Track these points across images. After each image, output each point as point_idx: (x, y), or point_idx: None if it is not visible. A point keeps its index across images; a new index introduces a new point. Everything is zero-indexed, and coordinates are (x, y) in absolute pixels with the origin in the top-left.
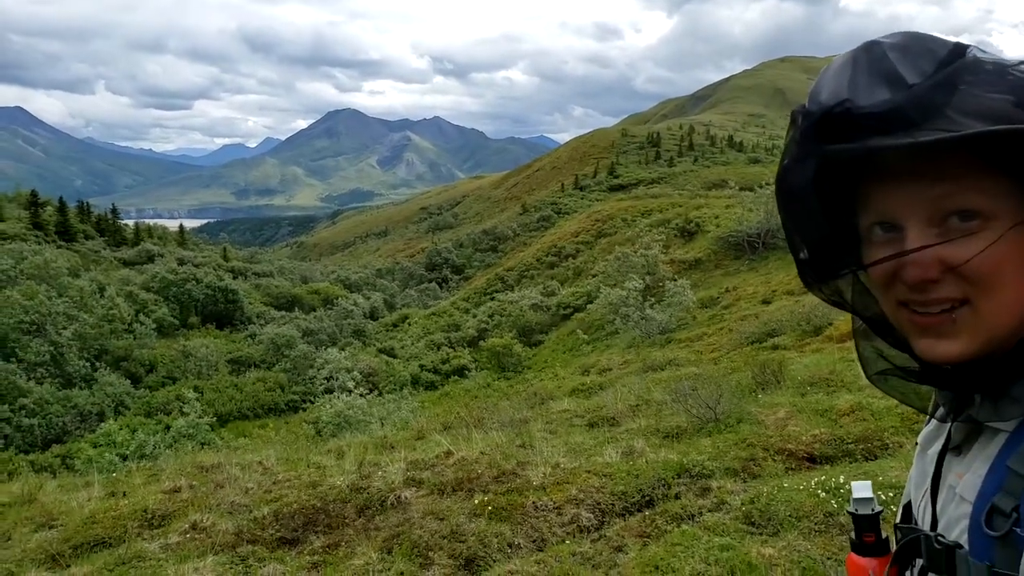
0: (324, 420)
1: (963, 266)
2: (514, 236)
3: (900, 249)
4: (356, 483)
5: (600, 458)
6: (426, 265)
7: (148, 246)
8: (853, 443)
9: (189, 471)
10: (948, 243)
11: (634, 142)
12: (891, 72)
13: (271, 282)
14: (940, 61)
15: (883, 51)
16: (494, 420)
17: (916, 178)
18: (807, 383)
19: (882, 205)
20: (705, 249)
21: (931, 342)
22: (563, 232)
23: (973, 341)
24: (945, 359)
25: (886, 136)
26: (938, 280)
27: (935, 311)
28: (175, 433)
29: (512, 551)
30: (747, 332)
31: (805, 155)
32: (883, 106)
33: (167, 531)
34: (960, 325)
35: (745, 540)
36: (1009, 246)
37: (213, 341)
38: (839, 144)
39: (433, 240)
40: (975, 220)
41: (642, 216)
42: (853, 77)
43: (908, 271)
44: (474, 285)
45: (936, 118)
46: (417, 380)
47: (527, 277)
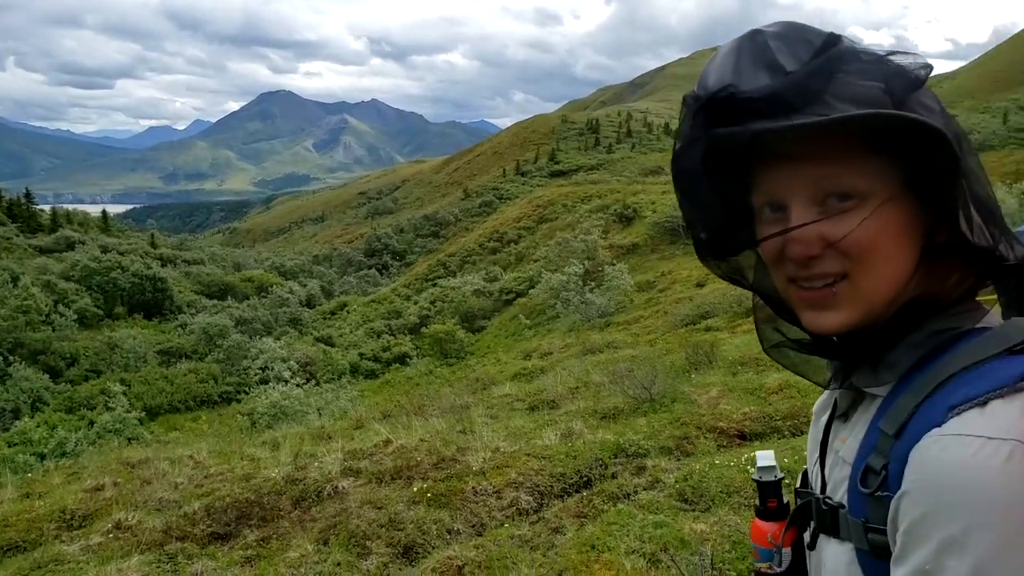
0: (259, 411)
1: (841, 242)
2: (456, 221)
3: (786, 228)
4: (292, 475)
5: (540, 441)
6: (365, 251)
7: (68, 233)
8: (781, 420)
9: (114, 468)
10: (827, 220)
11: (574, 128)
12: (771, 60)
13: (202, 270)
14: (815, 50)
15: (765, 40)
16: (435, 407)
17: (798, 160)
18: (738, 363)
19: (769, 186)
20: (642, 234)
21: (815, 314)
22: (505, 218)
23: (853, 312)
24: (828, 330)
25: (766, 120)
26: (819, 256)
27: (818, 285)
28: (100, 429)
29: (451, 537)
30: (681, 314)
31: (695, 138)
32: (763, 91)
33: (88, 532)
34: (841, 298)
35: (678, 517)
36: (882, 222)
37: (141, 332)
38: (724, 128)
39: (372, 226)
40: (851, 199)
41: (582, 202)
42: (737, 64)
43: (791, 248)
44: (415, 271)
45: (814, 103)
46: (357, 369)
47: (469, 263)
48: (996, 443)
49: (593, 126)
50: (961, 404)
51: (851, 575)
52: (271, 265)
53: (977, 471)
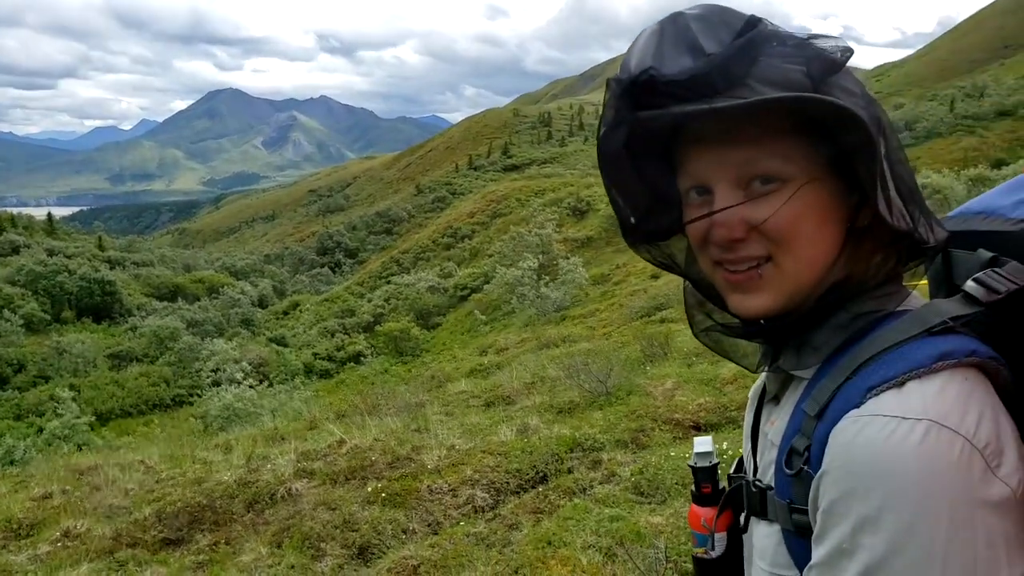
0: (212, 414)
1: (763, 225)
2: (409, 218)
3: (710, 211)
4: (244, 477)
5: (495, 437)
6: (317, 249)
7: (11, 236)
8: (736, 410)
9: (62, 475)
10: (749, 203)
11: (526, 122)
12: (693, 42)
13: (152, 272)
14: (736, 32)
15: (687, 22)
16: (390, 406)
17: (721, 143)
18: (693, 354)
19: (695, 169)
20: (596, 227)
21: (741, 297)
22: (459, 213)
23: (778, 295)
24: (754, 313)
25: (687, 103)
26: (744, 239)
27: (743, 268)
28: (48, 435)
29: (407, 536)
30: (636, 307)
31: (618, 122)
32: (684, 74)
33: (36, 541)
34: (766, 280)
35: (634, 510)
36: (804, 205)
37: (90, 336)
38: (646, 111)
39: (324, 223)
40: (774, 182)
41: (536, 196)
42: (659, 46)
43: (715, 231)
44: (369, 269)
45: (737, 86)
46: (311, 369)
47: (423, 259)
48: (911, 423)
49: (545, 119)
50: (879, 385)
51: (778, 556)
52: (222, 265)
53: (892, 451)
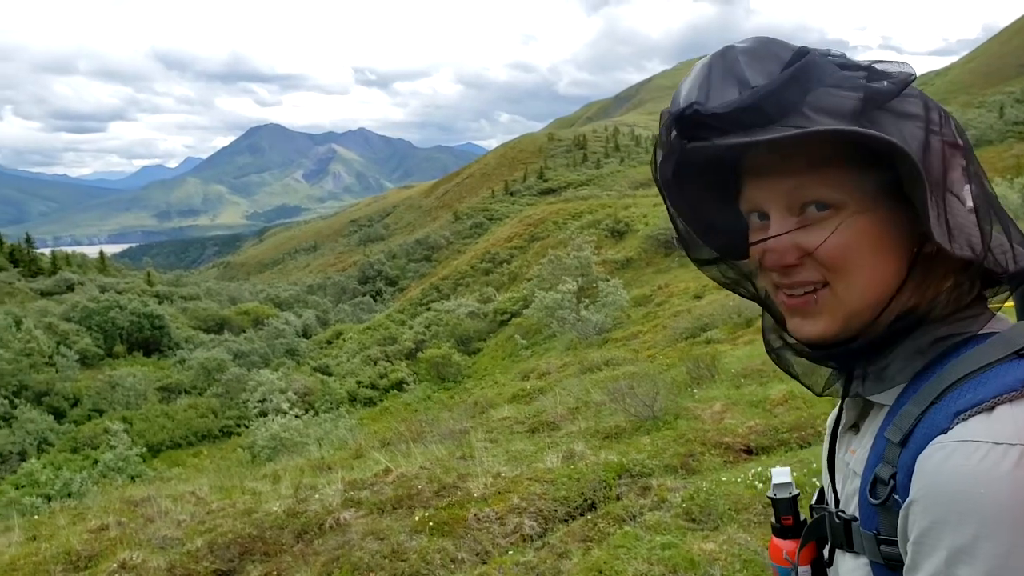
0: (259, 444)
1: (816, 251)
2: (447, 244)
3: (763, 237)
4: (293, 508)
5: (541, 464)
6: (359, 278)
7: (67, 275)
8: (787, 432)
9: (117, 507)
10: (802, 230)
11: (561, 146)
12: (740, 75)
13: (198, 305)
14: (785, 63)
15: (735, 56)
16: (434, 433)
17: (772, 171)
18: (741, 375)
19: (751, 195)
20: (636, 248)
21: (799, 322)
22: (496, 238)
23: (834, 321)
24: (811, 338)
25: (730, 135)
26: (798, 265)
27: (799, 293)
28: (103, 467)
29: (455, 566)
30: (680, 328)
31: (669, 152)
32: (727, 107)
33: (94, 573)
34: (822, 305)
35: (686, 537)
36: (856, 232)
37: (140, 369)
38: (695, 142)
39: (364, 252)
40: (827, 209)
41: (573, 218)
42: (706, 80)
43: (767, 256)
44: (409, 296)
45: (791, 115)
46: (355, 397)
47: (462, 285)
48: (1003, 448)
49: (580, 142)
50: (967, 410)
51: None
52: (266, 297)
53: (984, 477)
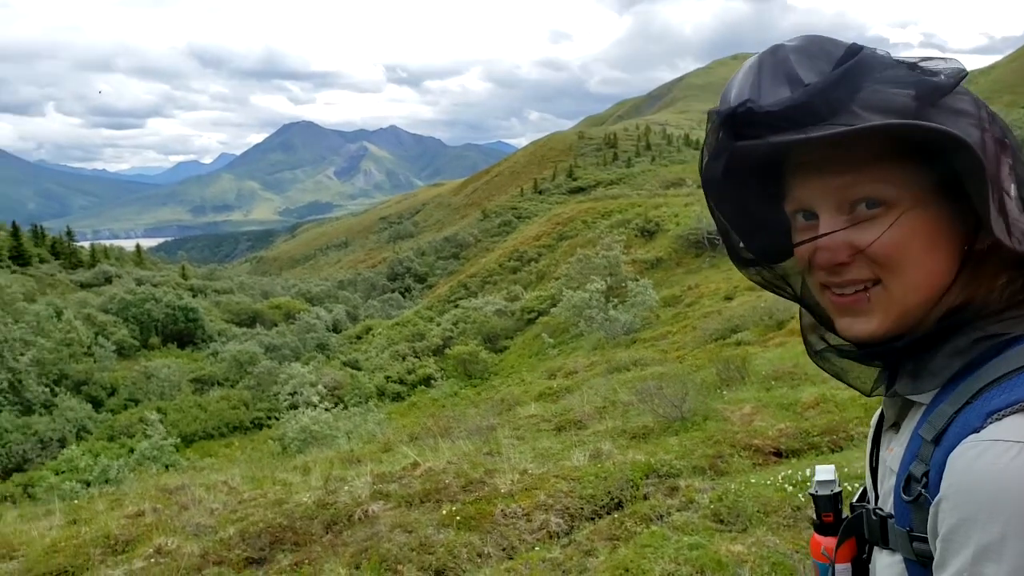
0: (289, 436)
1: (868, 249)
2: (476, 242)
3: (814, 236)
4: (322, 499)
5: (568, 462)
6: (388, 275)
7: (105, 267)
8: (818, 436)
9: (153, 494)
10: (854, 228)
11: (591, 144)
12: (791, 73)
13: (231, 299)
14: (836, 61)
15: (786, 54)
16: (461, 429)
17: (823, 169)
18: (771, 377)
19: (800, 194)
20: (666, 248)
21: (849, 321)
22: (524, 236)
23: (886, 318)
24: (862, 337)
25: (783, 133)
26: (849, 263)
27: (850, 291)
28: (139, 456)
29: (482, 561)
30: (710, 329)
31: (718, 152)
32: (780, 105)
33: (131, 557)
34: (874, 304)
35: (714, 538)
36: (909, 229)
37: (175, 361)
38: (745, 141)
39: (394, 249)
40: (879, 207)
41: (602, 217)
42: (757, 78)
43: (819, 255)
44: (437, 293)
45: (841, 113)
46: (383, 392)
47: (490, 283)
48: None
49: (611, 141)
50: (1001, 410)
51: None
52: (298, 292)
53: (1014, 477)
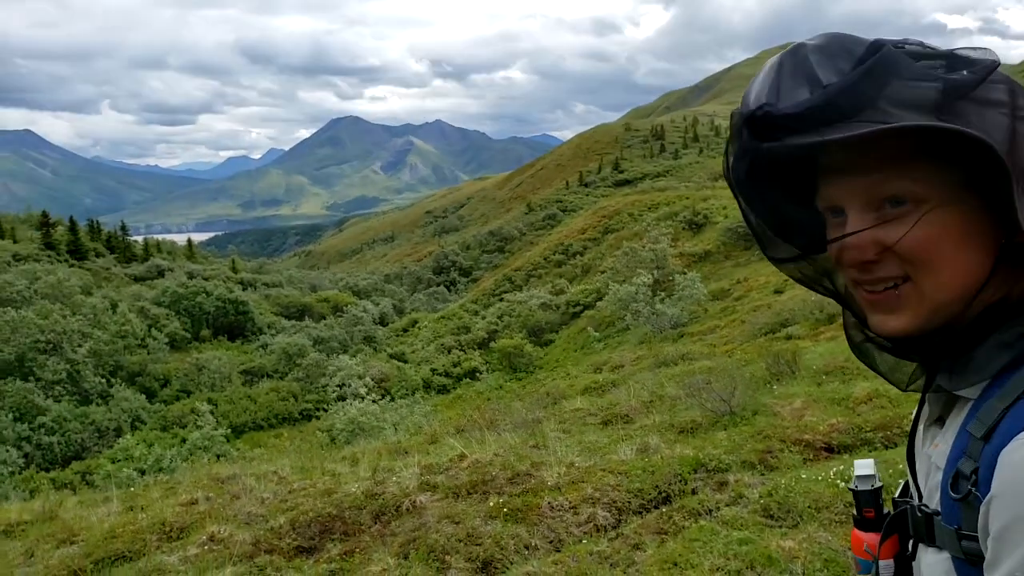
0: (338, 427)
1: (896, 246)
2: (520, 236)
3: (842, 234)
4: (371, 489)
5: (615, 456)
6: (433, 268)
7: (158, 261)
8: (871, 431)
9: (205, 483)
10: (881, 225)
11: (638, 136)
12: (810, 74)
13: (280, 292)
14: (858, 59)
15: (806, 54)
16: (507, 421)
17: (848, 168)
18: (822, 372)
19: (827, 193)
20: (714, 241)
21: (881, 317)
22: (569, 230)
23: (918, 315)
24: (894, 333)
25: (802, 135)
26: (878, 260)
27: (880, 288)
28: (191, 446)
29: (529, 552)
30: (760, 323)
31: (741, 153)
32: (799, 107)
33: (185, 543)
34: (904, 300)
35: (764, 533)
36: (938, 225)
37: (225, 353)
38: (766, 143)
39: (439, 243)
40: (906, 204)
41: (649, 210)
42: (776, 80)
43: (847, 253)
44: (482, 287)
45: (867, 110)
46: (429, 384)
47: (535, 276)
48: None
49: (658, 132)
50: None
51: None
52: (345, 285)
53: None
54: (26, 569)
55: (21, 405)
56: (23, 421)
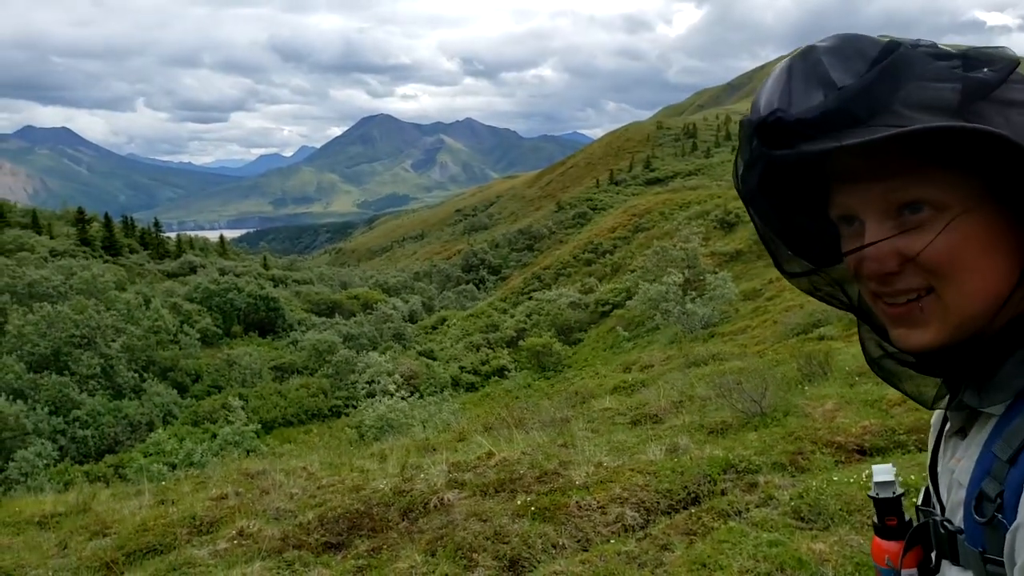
0: (367, 424)
1: (919, 256)
2: (550, 234)
3: (860, 245)
4: (399, 486)
5: (644, 456)
6: (463, 267)
7: (190, 257)
8: (905, 434)
9: (235, 478)
10: (902, 235)
11: (669, 134)
12: (823, 77)
13: (311, 289)
14: (872, 60)
15: (818, 56)
16: (535, 420)
17: (864, 175)
18: (855, 373)
19: (842, 201)
20: (746, 240)
21: (904, 331)
22: (599, 228)
23: (943, 329)
24: (918, 347)
25: (816, 140)
26: (899, 272)
27: (902, 301)
28: (221, 441)
29: (557, 551)
30: (792, 323)
31: (752, 161)
32: (812, 112)
33: (215, 537)
34: (928, 313)
35: (794, 535)
36: (963, 233)
37: (256, 349)
38: (778, 150)
39: (469, 241)
40: (926, 211)
41: (680, 209)
42: (787, 85)
43: (865, 265)
44: (511, 285)
45: (881, 114)
46: (457, 382)
47: (564, 275)
48: None
49: (690, 131)
50: None
51: None
52: (375, 283)
53: None
54: (60, 560)
55: (57, 399)
56: (58, 415)
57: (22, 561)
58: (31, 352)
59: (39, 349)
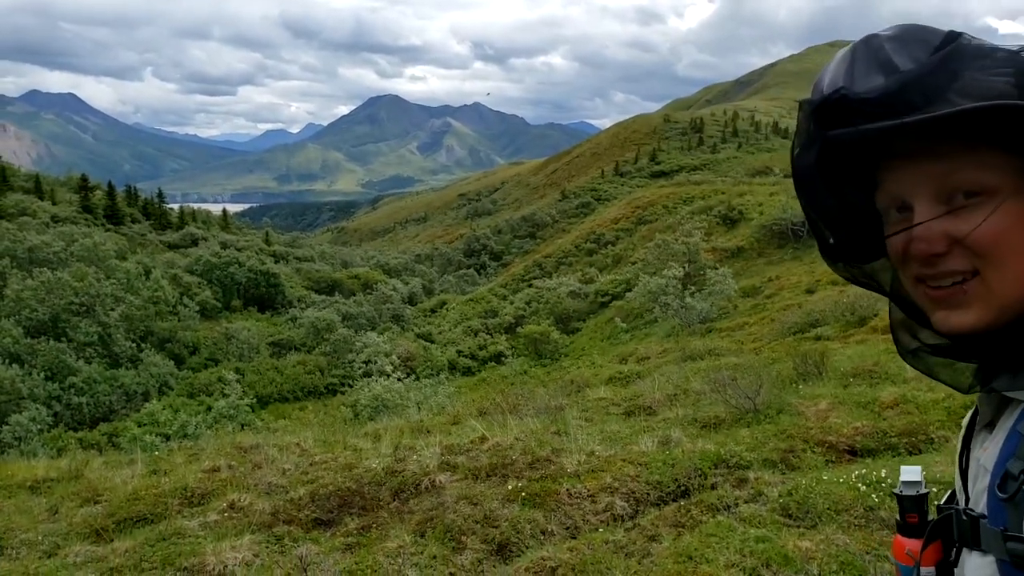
0: (362, 403)
1: (967, 238)
2: (553, 223)
3: (910, 224)
4: (391, 466)
5: (636, 447)
6: (464, 251)
7: (192, 230)
8: (896, 436)
9: (228, 452)
10: (951, 216)
11: (676, 128)
12: (886, 61)
13: (312, 267)
14: (934, 48)
15: (880, 43)
16: (530, 407)
17: (919, 158)
18: (850, 375)
19: (893, 186)
20: (748, 237)
21: (946, 314)
22: (602, 219)
23: (986, 311)
24: (959, 330)
25: (878, 120)
26: (945, 254)
27: (947, 284)
28: (216, 414)
29: (545, 538)
30: (789, 322)
31: (810, 141)
32: (875, 92)
33: (206, 509)
34: (971, 296)
35: (782, 532)
36: (1011, 218)
37: (255, 324)
38: (838, 129)
39: (472, 226)
40: (978, 195)
41: (683, 203)
42: (851, 67)
43: (915, 246)
44: (512, 271)
45: (936, 101)
46: (454, 365)
47: (565, 264)
48: None
49: (697, 125)
50: None
51: None
52: (376, 263)
53: None
54: (50, 525)
55: (53, 365)
56: (54, 380)
57: (12, 524)
58: (29, 317)
59: (37, 315)
